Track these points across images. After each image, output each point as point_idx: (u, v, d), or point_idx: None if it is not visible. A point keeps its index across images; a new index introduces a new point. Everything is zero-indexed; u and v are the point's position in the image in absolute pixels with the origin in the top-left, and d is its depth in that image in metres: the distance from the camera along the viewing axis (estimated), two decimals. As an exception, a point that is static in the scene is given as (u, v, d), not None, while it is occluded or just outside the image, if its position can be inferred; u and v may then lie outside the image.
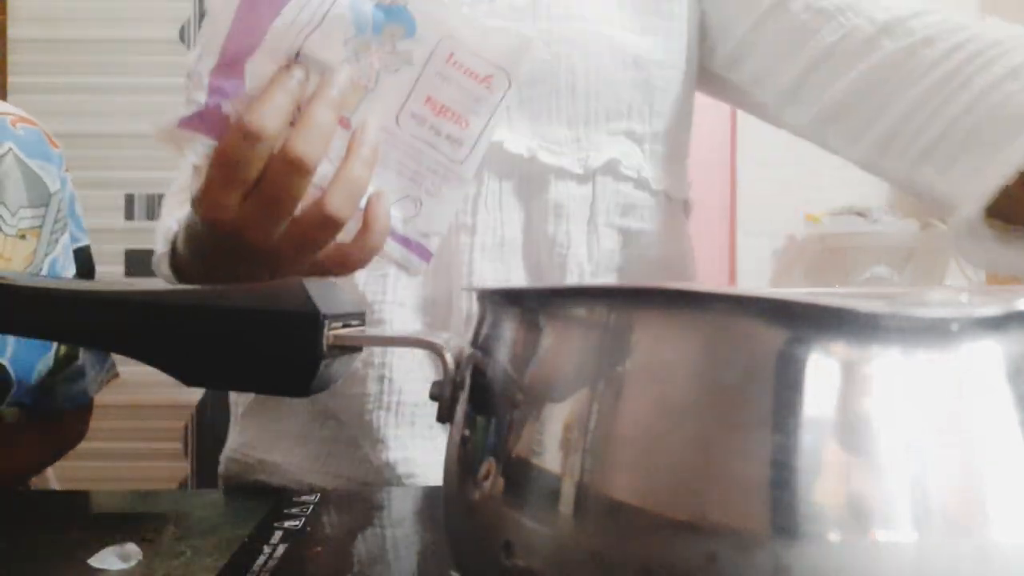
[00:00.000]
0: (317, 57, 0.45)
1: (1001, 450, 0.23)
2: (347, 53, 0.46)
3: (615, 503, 0.25)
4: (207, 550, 0.44)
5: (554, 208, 0.61)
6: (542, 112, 0.61)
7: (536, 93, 0.61)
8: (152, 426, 1.72)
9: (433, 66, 0.47)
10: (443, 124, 0.48)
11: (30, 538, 0.47)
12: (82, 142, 1.68)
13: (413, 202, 0.49)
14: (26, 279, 0.42)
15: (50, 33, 1.74)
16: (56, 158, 0.71)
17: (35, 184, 0.68)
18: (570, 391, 0.27)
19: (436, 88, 0.48)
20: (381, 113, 0.48)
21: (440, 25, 0.47)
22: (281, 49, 0.45)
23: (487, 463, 0.29)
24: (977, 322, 0.23)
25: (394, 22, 0.46)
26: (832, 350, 0.23)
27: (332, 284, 0.37)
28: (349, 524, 0.51)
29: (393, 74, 0.47)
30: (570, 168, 0.61)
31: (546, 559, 0.26)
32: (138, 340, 0.37)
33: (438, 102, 0.48)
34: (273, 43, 0.44)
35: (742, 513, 0.23)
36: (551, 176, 0.61)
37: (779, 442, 0.23)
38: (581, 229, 0.62)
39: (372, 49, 0.46)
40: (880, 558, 0.22)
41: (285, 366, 0.35)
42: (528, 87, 0.60)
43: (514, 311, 0.30)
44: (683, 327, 0.25)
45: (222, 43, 0.44)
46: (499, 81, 0.48)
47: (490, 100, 0.48)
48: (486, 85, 0.48)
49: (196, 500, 0.55)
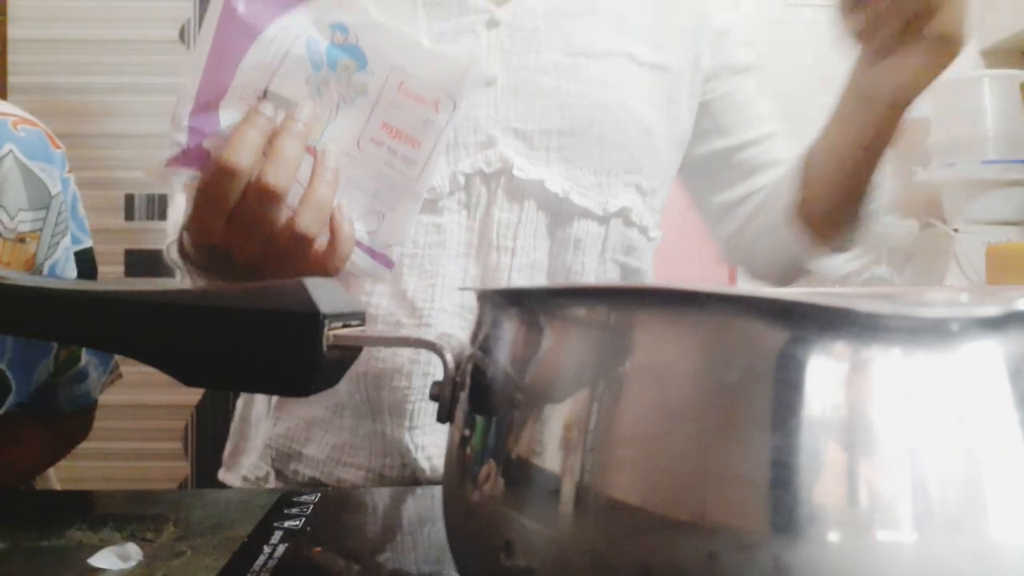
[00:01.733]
0: (281, 95, 0.51)
1: (1001, 450, 0.23)
2: (308, 89, 0.52)
3: (615, 503, 0.25)
4: (207, 550, 0.44)
5: (575, 241, 0.72)
6: (575, 159, 0.71)
7: (573, 142, 0.71)
8: (152, 426, 1.72)
9: (386, 95, 0.53)
10: (398, 146, 0.54)
11: (30, 538, 0.47)
12: (82, 142, 1.68)
13: (376, 216, 0.55)
14: (26, 279, 0.42)
15: (50, 33, 1.74)
16: (58, 159, 0.71)
17: (35, 186, 0.68)
18: (570, 391, 0.27)
19: (390, 114, 0.54)
20: (342, 139, 0.53)
21: (389, 58, 0.53)
22: (249, 90, 0.51)
23: (487, 463, 0.29)
24: (977, 322, 0.23)
25: (347, 58, 0.53)
26: (832, 350, 0.23)
27: (332, 284, 0.37)
28: (349, 524, 0.51)
29: (350, 104, 0.53)
30: (593, 210, 0.72)
31: (546, 559, 0.26)
32: (138, 340, 0.37)
33: (392, 126, 0.54)
34: (241, 85, 0.51)
35: (742, 513, 0.23)
36: (576, 215, 0.72)
37: (779, 442, 0.23)
38: (593, 261, 0.73)
39: (330, 84, 0.53)
40: (880, 558, 0.22)
41: (285, 366, 0.35)
42: (568, 136, 0.71)
43: (514, 311, 0.30)
44: (683, 327, 0.25)
45: (196, 90, 0.50)
46: (445, 104, 0.54)
47: (438, 122, 0.54)
48: (434, 109, 0.54)
49: (196, 500, 0.55)
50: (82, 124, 1.72)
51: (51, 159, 0.70)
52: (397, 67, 0.53)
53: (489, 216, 0.70)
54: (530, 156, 0.70)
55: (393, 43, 0.53)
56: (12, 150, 0.67)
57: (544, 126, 0.70)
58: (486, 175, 0.69)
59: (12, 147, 0.67)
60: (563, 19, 0.72)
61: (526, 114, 0.70)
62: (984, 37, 1.84)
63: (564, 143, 0.70)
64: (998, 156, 1.64)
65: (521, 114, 0.70)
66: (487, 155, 0.69)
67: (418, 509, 0.55)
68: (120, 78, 1.74)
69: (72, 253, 0.74)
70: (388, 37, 0.53)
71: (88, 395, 0.78)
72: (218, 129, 0.51)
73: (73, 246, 0.74)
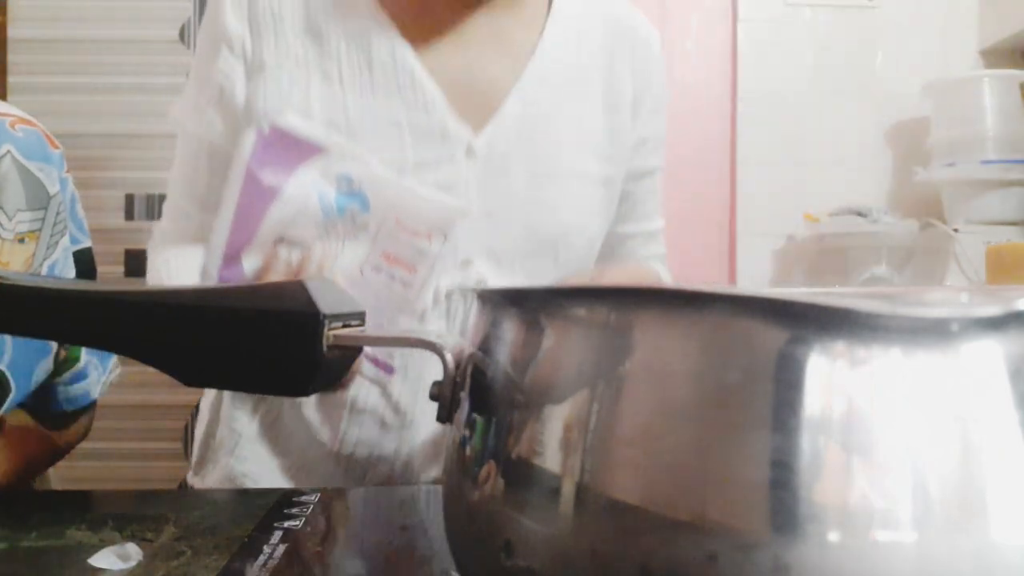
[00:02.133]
0: (297, 239, 0.60)
1: (1001, 450, 0.23)
2: (319, 232, 0.60)
3: (615, 503, 0.25)
4: (207, 550, 0.44)
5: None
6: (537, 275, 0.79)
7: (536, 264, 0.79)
8: (152, 426, 1.72)
9: (385, 229, 0.61)
10: (396, 271, 0.62)
11: (30, 538, 0.47)
12: (82, 142, 1.68)
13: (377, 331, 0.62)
14: (26, 279, 0.42)
15: (50, 33, 1.74)
16: (56, 159, 0.71)
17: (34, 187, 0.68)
18: (570, 391, 0.27)
19: (388, 245, 0.62)
20: (347, 268, 0.61)
21: (388, 200, 0.61)
22: (268, 239, 0.59)
23: (487, 463, 0.29)
24: (977, 322, 0.23)
25: (353, 204, 0.61)
26: (832, 350, 0.23)
27: (332, 284, 0.37)
28: (349, 524, 0.51)
29: (354, 239, 0.61)
30: None
31: (546, 559, 0.26)
32: (138, 340, 0.37)
33: (391, 255, 0.62)
34: (262, 237, 0.59)
35: (742, 513, 0.23)
36: None
37: (779, 442, 0.23)
38: None
39: (338, 226, 0.61)
40: (880, 558, 0.22)
41: (285, 366, 0.35)
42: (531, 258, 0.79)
43: (514, 311, 0.30)
44: (683, 327, 0.25)
45: (224, 248, 0.59)
46: (437, 236, 0.62)
47: (431, 251, 0.62)
48: (427, 239, 0.62)
49: (196, 500, 0.55)
50: (82, 124, 1.72)
51: (49, 159, 0.70)
52: (395, 207, 0.61)
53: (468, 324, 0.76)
54: (500, 273, 0.77)
55: (392, 189, 0.61)
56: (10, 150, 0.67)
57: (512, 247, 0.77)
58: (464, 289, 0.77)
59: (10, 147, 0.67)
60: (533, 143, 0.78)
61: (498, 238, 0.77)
62: (984, 37, 1.84)
63: (528, 264, 0.78)
64: (998, 156, 1.64)
65: (493, 237, 0.76)
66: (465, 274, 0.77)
67: (418, 509, 0.55)
68: (120, 78, 1.74)
69: (71, 253, 0.74)
70: (388, 185, 0.61)
71: (87, 395, 0.78)
72: (244, 276, 0.59)
73: (72, 246, 0.74)
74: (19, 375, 0.68)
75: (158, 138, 1.71)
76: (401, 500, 0.58)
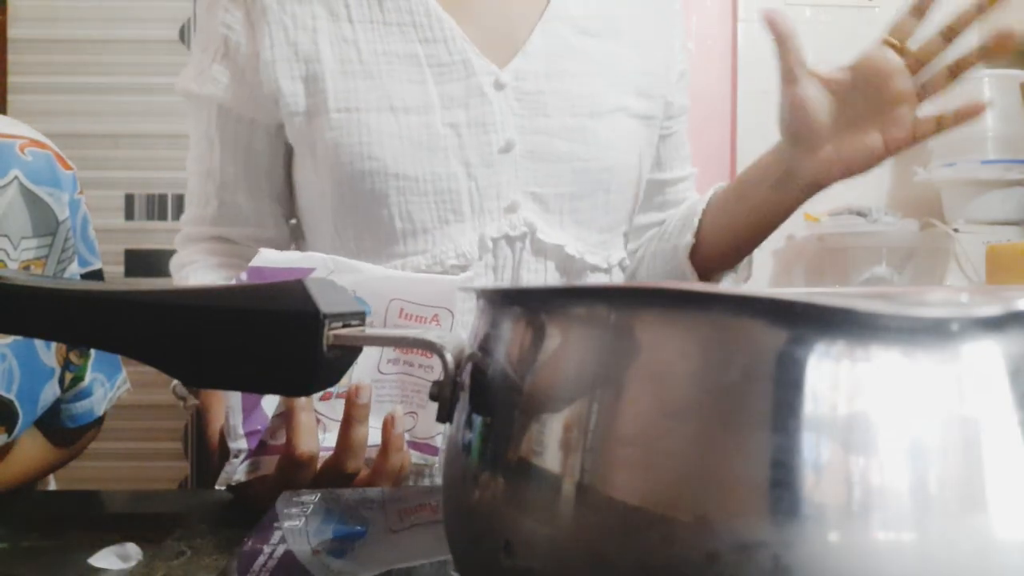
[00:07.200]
0: None
1: (1001, 450, 0.23)
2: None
3: (615, 503, 0.25)
4: (207, 550, 0.44)
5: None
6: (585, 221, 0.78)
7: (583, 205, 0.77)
8: (152, 426, 1.72)
9: (390, 323, 0.61)
10: (413, 358, 0.62)
11: (30, 538, 0.47)
12: (82, 142, 1.68)
13: (410, 417, 0.63)
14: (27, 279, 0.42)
15: (50, 33, 1.74)
16: (67, 182, 0.68)
17: (41, 212, 0.66)
18: (570, 391, 0.27)
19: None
20: (364, 372, 0.61)
21: (387, 295, 0.61)
22: None
23: (487, 463, 0.29)
24: (977, 322, 0.23)
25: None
26: (832, 350, 0.23)
27: (332, 284, 0.37)
28: (349, 524, 0.51)
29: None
30: (600, 265, 0.80)
31: (546, 559, 0.26)
32: (138, 340, 0.37)
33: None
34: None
35: (742, 513, 0.23)
36: (587, 270, 0.79)
37: (779, 442, 0.23)
38: None
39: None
40: (880, 558, 0.22)
41: (285, 366, 0.35)
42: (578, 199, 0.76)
43: (514, 311, 0.30)
44: (683, 327, 0.25)
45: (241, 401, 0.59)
46: (444, 316, 0.61)
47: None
48: (436, 323, 0.61)
49: (196, 500, 0.55)
50: (82, 124, 1.72)
51: (59, 183, 0.68)
52: (395, 299, 0.61)
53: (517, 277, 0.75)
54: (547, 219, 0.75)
55: (388, 284, 0.61)
56: (18, 176, 0.65)
57: (559, 191, 0.75)
58: (511, 238, 0.74)
59: (18, 173, 0.65)
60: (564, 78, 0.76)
61: (543, 179, 0.74)
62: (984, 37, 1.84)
63: (576, 206, 0.76)
64: (998, 156, 1.64)
65: (539, 179, 0.74)
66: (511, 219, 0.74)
67: (418, 509, 0.55)
68: (120, 78, 1.74)
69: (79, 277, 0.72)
70: (383, 281, 0.61)
71: (90, 413, 0.77)
72: (267, 420, 0.59)
73: (80, 268, 0.73)
74: (26, 401, 0.68)
75: (158, 138, 1.71)
76: (401, 500, 0.58)
